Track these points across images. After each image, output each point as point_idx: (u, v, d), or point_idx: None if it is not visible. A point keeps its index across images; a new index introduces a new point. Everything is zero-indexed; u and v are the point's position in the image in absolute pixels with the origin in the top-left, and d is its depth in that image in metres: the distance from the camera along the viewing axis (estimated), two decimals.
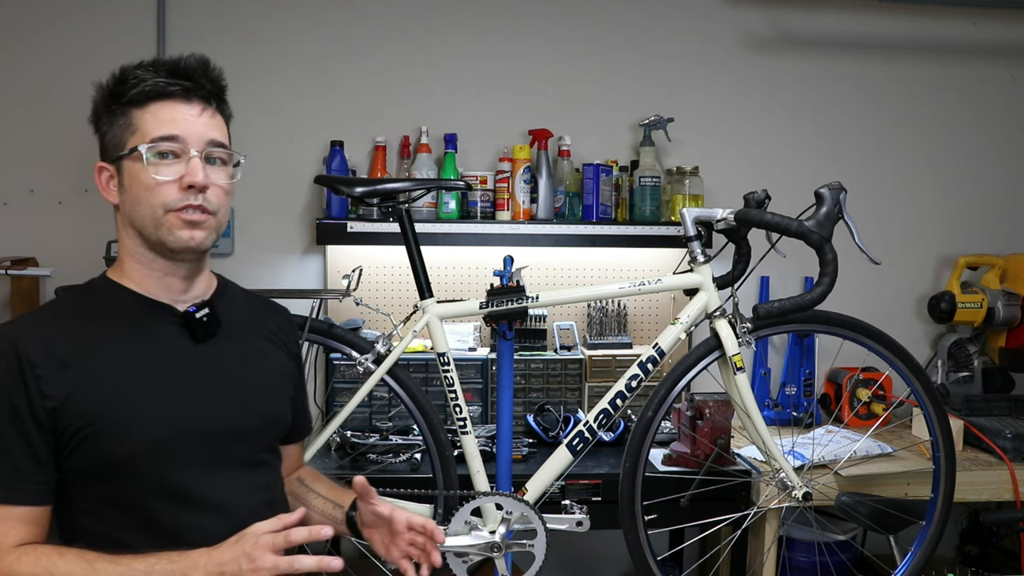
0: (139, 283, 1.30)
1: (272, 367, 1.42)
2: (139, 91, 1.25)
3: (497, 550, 1.84)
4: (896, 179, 2.85)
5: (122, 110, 1.26)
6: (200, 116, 1.27)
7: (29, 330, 1.22)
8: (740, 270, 2.01)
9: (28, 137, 2.53)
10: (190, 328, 1.30)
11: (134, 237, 1.29)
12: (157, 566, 1.14)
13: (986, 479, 2.26)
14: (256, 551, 1.15)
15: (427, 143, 2.54)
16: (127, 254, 1.30)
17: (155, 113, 1.25)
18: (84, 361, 1.21)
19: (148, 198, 1.24)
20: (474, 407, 2.43)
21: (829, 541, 2.44)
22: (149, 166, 1.23)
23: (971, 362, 2.73)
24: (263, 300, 1.53)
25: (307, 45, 2.59)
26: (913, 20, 2.82)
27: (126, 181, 1.26)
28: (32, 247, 2.48)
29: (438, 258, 2.55)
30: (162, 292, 1.30)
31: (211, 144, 1.27)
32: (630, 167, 2.65)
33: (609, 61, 2.71)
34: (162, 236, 1.25)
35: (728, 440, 2.19)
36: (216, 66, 1.32)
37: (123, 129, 1.26)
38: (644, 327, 2.70)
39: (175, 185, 1.24)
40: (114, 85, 1.27)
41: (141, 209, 1.25)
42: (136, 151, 1.23)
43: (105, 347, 1.24)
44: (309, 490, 1.52)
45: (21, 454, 1.18)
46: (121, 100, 1.26)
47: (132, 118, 1.26)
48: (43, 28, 2.51)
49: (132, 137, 1.25)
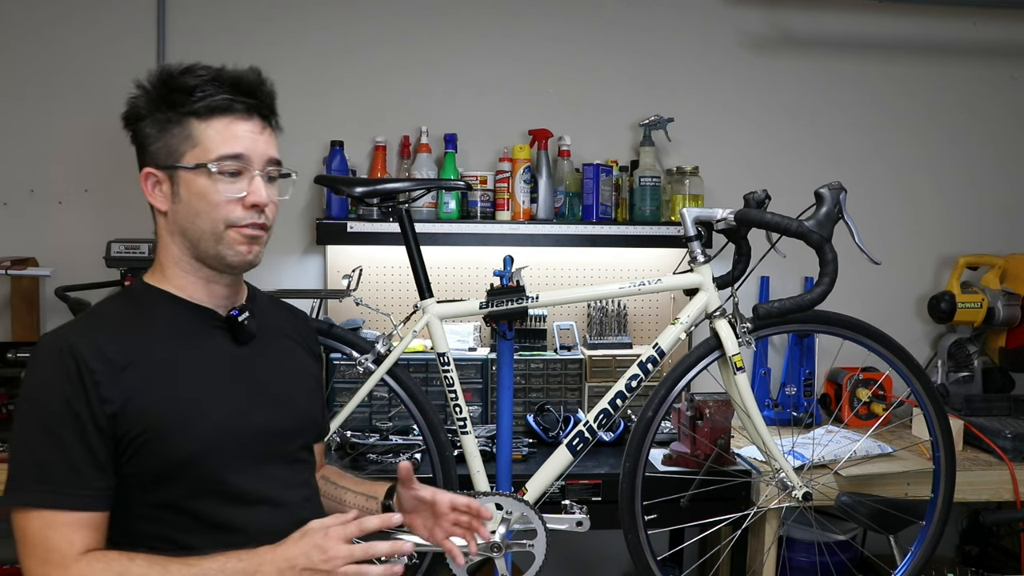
0: (183, 289, 1.31)
1: (302, 369, 1.46)
2: (205, 104, 1.24)
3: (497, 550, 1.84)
4: (896, 179, 2.85)
5: (179, 119, 1.25)
6: (261, 134, 1.28)
7: (83, 336, 1.21)
8: (740, 270, 2.01)
9: (28, 137, 2.53)
10: (232, 331, 1.32)
11: (182, 245, 1.29)
12: (228, 565, 1.15)
13: (986, 479, 2.26)
14: (328, 542, 1.16)
15: (427, 143, 2.54)
16: (171, 260, 1.30)
17: (219, 129, 1.25)
18: (139, 366, 1.21)
19: (211, 213, 1.25)
20: (474, 407, 2.43)
21: (829, 541, 2.44)
22: (214, 183, 1.24)
23: (971, 362, 2.73)
24: (284, 303, 1.56)
25: (307, 45, 2.59)
26: (913, 20, 2.82)
27: (183, 192, 1.26)
28: (32, 247, 2.48)
29: (438, 258, 2.54)
30: (206, 298, 1.32)
31: (271, 163, 1.29)
32: (630, 167, 2.65)
33: (609, 61, 2.71)
34: (222, 251, 1.27)
35: (728, 440, 2.19)
36: (270, 80, 1.32)
37: (180, 140, 1.25)
38: (644, 327, 2.70)
39: (239, 203, 1.25)
40: (168, 92, 1.25)
41: (201, 222, 1.26)
42: (203, 167, 1.24)
43: (157, 352, 1.24)
44: (338, 487, 1.55)
45: (82, 459, 1.17)
46: (180, 109, 1.24)
47: (192, 130, 1.25)
48: (43, 28, 2.51)
49: (193, 150, 1.24)
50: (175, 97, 1.25)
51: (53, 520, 1.15)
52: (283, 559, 1.15)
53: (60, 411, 1.16)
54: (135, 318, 1.28)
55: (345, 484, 1.55)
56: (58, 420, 1.16)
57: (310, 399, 1.45)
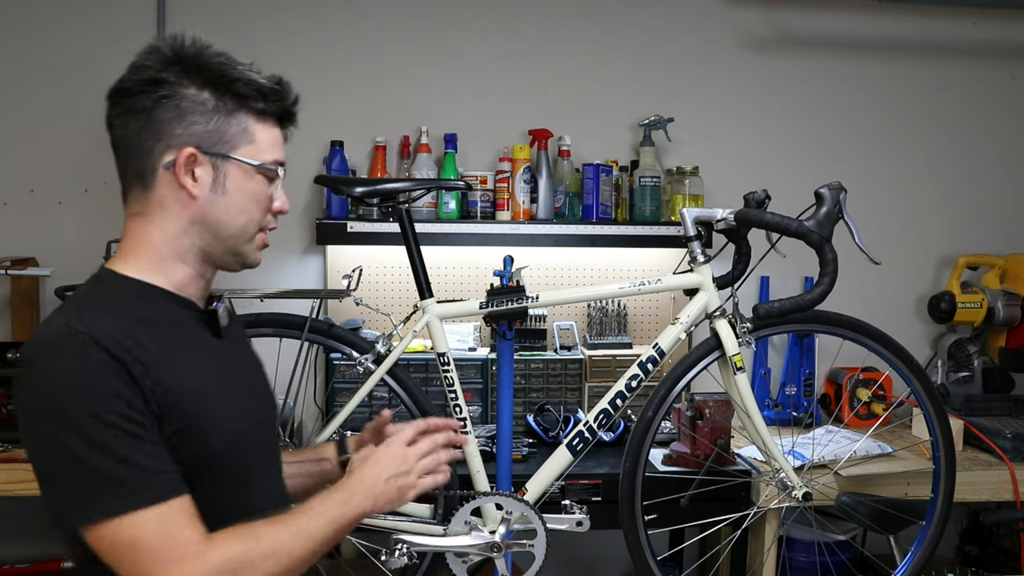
0: (174, 282, 1.21)
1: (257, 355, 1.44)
2: (271, 107, 1.24)
3: (497, 550, 1.84)
4: (896, 179, 2.85)
5: (237, 110, 1.20)
6: (284, 144, 1.30)
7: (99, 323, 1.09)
8: (740, 270, 2.01)
9: (28, 137, 2.53)
10: (211, 325, 1.26)
11: (201, 237, 1.20)
12: (324, 503, 1.19)
13: (986, 479, 2.26)
14: (398, 449, 1.28)
15: (427, 143, 2.54)
16: (173, 252, 1.20)
17: (269, 131, 1.25)
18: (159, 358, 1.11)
19: (253, 212, 1.23)
20: (474, 407, 2.43)
21: (829, 541, 2.44)
22: (264, 185, 1.24)
23: (971, 362, 2.73)
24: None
25: (307, 45, 2.59)
26: (913, 20, 2.82)
27: (228, 183, 1.20)
28: (32, 247, 2.48)
29: (438, 258, 2.54)
30: (194, 292, 1.24)
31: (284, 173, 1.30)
32: (630, 167, 2.65)
33: (609, 61, 2.71)
34: (246, 251, 1.25)
35: (728, 440, 2.19)
36: None
37: (237, 131, 1.20)
38: (644, 327, 2.70)
39: (269, 208, 1.27)
40: (230, 82, 1.20)
41: (240, 220, 1.22)
42: (266, 167, 1.23)
43: (170, 344, 1.15)
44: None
45: (159, 445, 1.08)
46: (244, 103, 1.21)
47: (248, 125, 1.21)
48: (43, 28, 2.51)
49: (248, 146, 1.21)
50: (240, 88, 1.20)
51: (166, 514, 1.06)
52: (370, 478, 1.24)
53: (116, 406, 1.05)
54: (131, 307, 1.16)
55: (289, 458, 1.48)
56: (119, 415, 1.05)
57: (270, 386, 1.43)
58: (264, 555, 1.11)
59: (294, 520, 1.16)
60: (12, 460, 2.02)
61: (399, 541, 1.84)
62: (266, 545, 1.11)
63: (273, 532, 1.13)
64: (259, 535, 1.12)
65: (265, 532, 1.13)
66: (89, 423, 1.04)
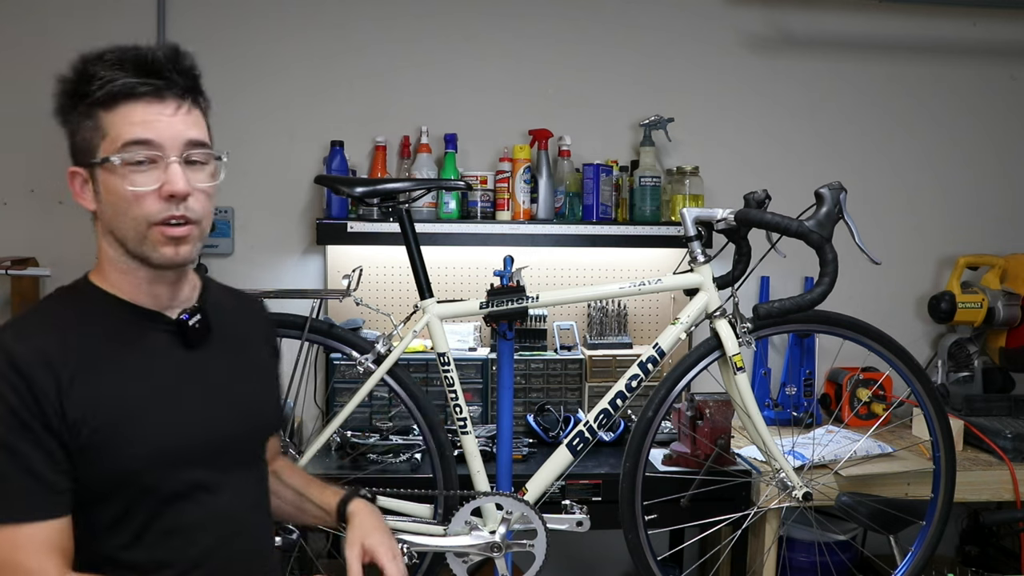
0: (123, 290, 1.22)
1: (257, 366, 1.40)
2: (105, 92, 1.13)
3: (497, 550, 1.84)
4: (896, 179, 2.85)
5: (88, 111, 1.15)
6: (175, 115, 1.16)
7: (26, 341, 1.13)
8: (740, 270, 2.01)
9: (28, 137, 2.52)
10: (183, 335, 1.24)
11: (114, 246, 1.20)
12: None
13: (986, 479, 2.26)
14: None
15: (427, 143, 2.54)
16: (109, 263, 1.22)
17: (125, 116, 1.14)
18: (84, 370, 1.14)
19: (127, 210, 1.15)
20: (474, 407, 2.43)
21: (829, 541, 2.44)
22: (124, 176, 1.13)
23: (971, 362, 2.73)
24: (241, 294, 1.47)
25: (307, 45, 2.59)
26: (913, 20, 2.81)
27: (101, 190, 1.16)
28: (32, 247, 2.48)
29: (438, 258, 2.54)
30: (149, 300, 1.23)
31: (190, 145, 1.17)
32: (630, 167, 2.65)
33: (609, 61, 2.71)
34: (146, 251, 1.17)
35: (728, 440, 2.19)
36: (188, 53, 1.20)
37: (92, 132, 1.15)
38: (644, 327, 2.70)
39: (155, 195, 1.14)
40: (77, 82, 1.15)
41: (121, 221, 1.16)
42: (109, 161, 1.13)
43: (102, 355, 1.17)
44: (299, 494, 1.50)
45: (41, 463, 1.10)
46: (86, 100, 1.14)
47: (100, 121, 1.14)
48: (43, 28, 2.51)
49: (103, 143, 1.14)
50: (82, 88, 1.14)
51: (19, 537, 1.08)
52: None
53: (9, 422, 1.09)
54: (78, 319, 1.19)
55: (293, 483, 1.50)
56: (7, 431, 1.09)
57: (265, 400, 1.39)
58: None
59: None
60: None
61: (399, 541, 1.84)
62: None
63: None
64: None
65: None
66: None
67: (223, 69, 2.52)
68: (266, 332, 1.46)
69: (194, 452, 1.22)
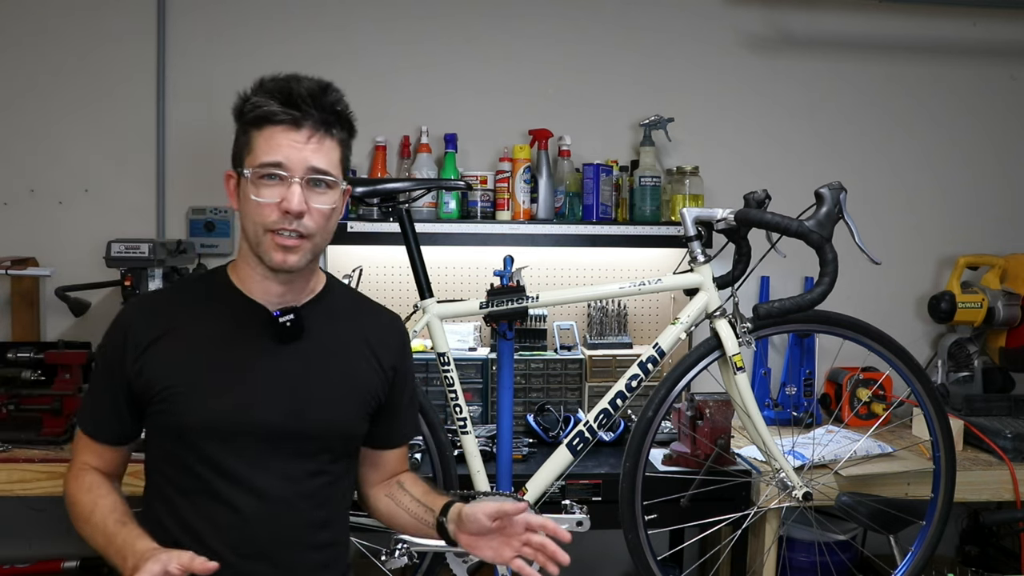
0: (243, 282, 1.44)
1: (346, 374, 1.47)
2: (254, 115, 1.35)
3: None
4: (896, 179, 2.85)
5: (244, 128, 1.38)
6: (307, 143, 1.35)
7: (143, 306, 1.47)
8: (740, 270, 2.01)
9: (28, 137, 2.53)
10: (275, 330, 1.40)
11: (245, 243, 1.41)
12: (118, 538, 1.31)
13: (986, 479, 2.26)
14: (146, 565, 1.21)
15: (427, 143, 2.54)
16: (241, 256, 1.45)
17: (266, 137, 1.35)
18: (172, 340, 1.39)
19: (252, 215, 1.36)
20: (474, 407, 2.43)
21: (829, 541, 2.44)
22: (255, 187, 1.34)
23: (971, 362, 2.73)
24: (371, 305, 1.59)
25: (307, 45, 2.59)
26: (913, 20, 2.81)
27: (242, 193, 1.38)
28: (32, 247, 2.48)
29: (438, 258, 2.54)
30: (260, 294, 1.43)
31: (312, 171, 1.35)
32: (630, 167, 2.65)
33: (609, 61, 2.71)
34: (261, 253, 1.37)
35: (728, 440, 2.19)
36: (336, 90, 1.44)
37: (243, 146, 1.38)
38: (644, 327, 2.70)
39: (275, 207, 1.34)
40: (243, 101, 1.39)
41: (247, 223, 1.38)
42: (254, 171, 1.34)
43: (193, 333, 1.40)
44: (406, 492, 1.57)
45: (105, 405, 1.43)
46: (243, 119, 1.38)
47: (249, 137, 1.37)
48: (43, 28, 2.51)
49: (247, 156, 1.37)
50: (242, 107, 1.39)
51: (81, 437, 1.47)
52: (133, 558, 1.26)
53: (103, 366, 1.44)
54: (193, 297, 1.46)
55: (413, 491, 1.56)
56: (101, 372, 1.44)
57: (342, 409, 1.46)
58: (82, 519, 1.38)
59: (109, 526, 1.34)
60: (12, 460, 2.02)
61: (399, 541, 1.84)
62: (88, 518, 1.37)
63: (96, 518, 1.36)
64: (98, 508, 1.37)
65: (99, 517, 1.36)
66: (95, 367, 1.53)
67: (223, 69, 2.52)
68: (380, 351, 1.52)
69: (237, 435, 1.37)
